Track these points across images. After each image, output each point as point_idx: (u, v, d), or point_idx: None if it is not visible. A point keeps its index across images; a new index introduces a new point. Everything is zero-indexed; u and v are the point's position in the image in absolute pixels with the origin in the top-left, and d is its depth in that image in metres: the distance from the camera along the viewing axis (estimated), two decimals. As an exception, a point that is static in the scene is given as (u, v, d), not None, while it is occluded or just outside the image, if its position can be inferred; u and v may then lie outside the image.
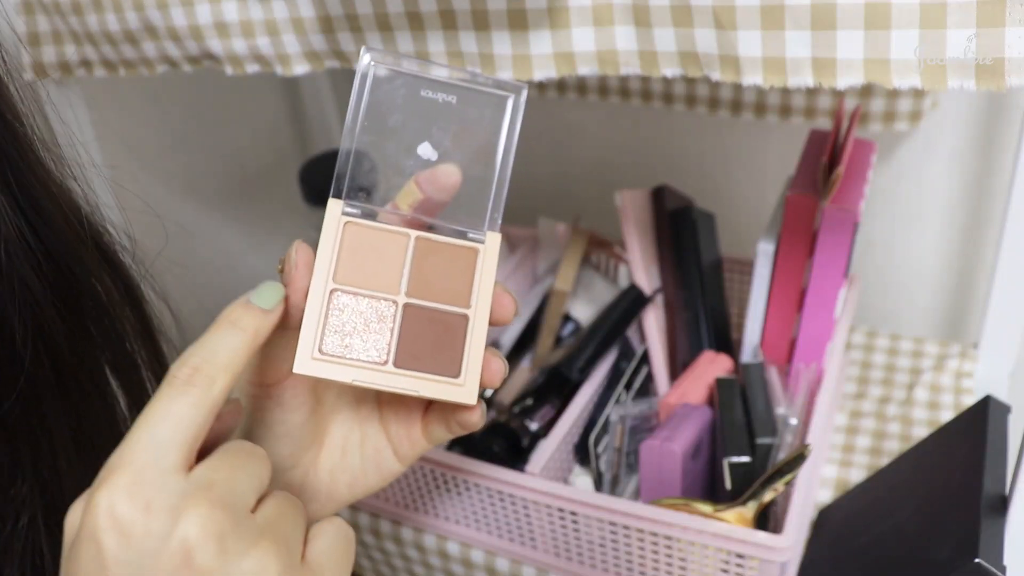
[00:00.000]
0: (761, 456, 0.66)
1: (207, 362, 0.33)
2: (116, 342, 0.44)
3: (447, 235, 0.40)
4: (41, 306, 0.38)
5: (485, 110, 0.40)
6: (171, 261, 1.12)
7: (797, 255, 0.72)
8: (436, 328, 0.39)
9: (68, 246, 0.40)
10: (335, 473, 0.43)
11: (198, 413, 0.32)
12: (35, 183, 0.38)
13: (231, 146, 1.10)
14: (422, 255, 0.40)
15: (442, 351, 0.39)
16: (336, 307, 0.38)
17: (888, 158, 0.92)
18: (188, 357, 0.33)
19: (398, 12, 0.55)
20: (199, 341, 0.34)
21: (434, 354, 0.39)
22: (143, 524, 0.29)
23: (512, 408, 0.78)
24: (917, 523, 0.61)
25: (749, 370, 0.72)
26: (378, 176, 0.40)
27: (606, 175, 1.10)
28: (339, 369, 0.38)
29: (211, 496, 0.31)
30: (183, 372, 0.32)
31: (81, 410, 0.41)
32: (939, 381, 0.84)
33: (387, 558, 0.80)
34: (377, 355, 0.38)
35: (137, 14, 0.65)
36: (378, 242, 0.39)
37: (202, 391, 0.32)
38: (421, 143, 0.39)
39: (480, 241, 0.40)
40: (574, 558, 0.70)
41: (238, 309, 0.35)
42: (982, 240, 0.93)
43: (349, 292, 0.38)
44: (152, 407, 0.32)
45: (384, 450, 0.44)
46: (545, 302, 0.88)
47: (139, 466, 0.30)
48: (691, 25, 0.48)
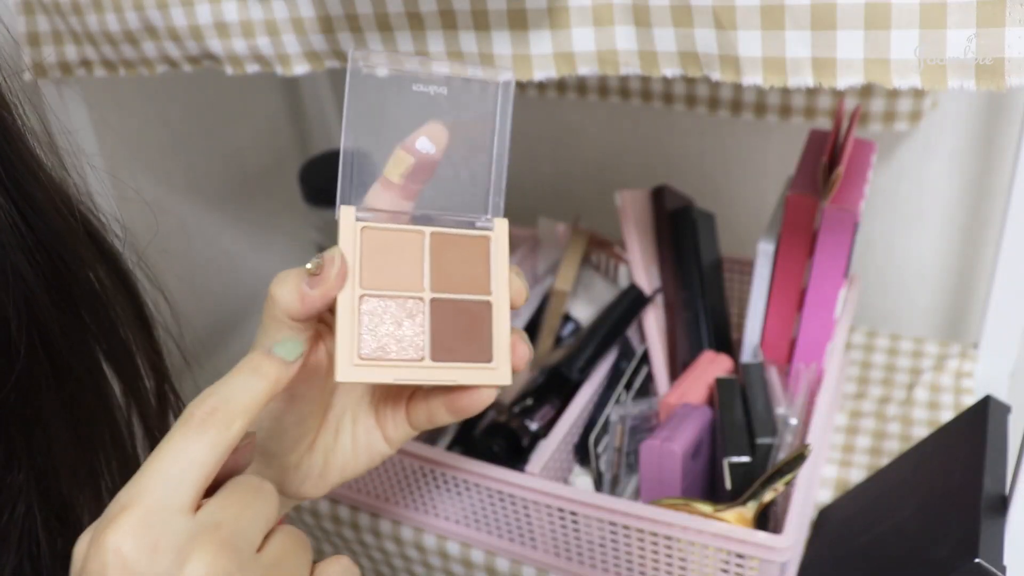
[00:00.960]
0: (761, 456, 0.66)
1: (226, 404, 0.33)
2: (109, 330, 0.44)
3: (457, 227, 0.41)
4: (35, 294, 0.38)
5: (477, 98, 0.41)
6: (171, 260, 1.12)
7: (797, 255, 0.72)
8: (463, 318, 0.41)
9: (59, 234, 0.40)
10: (328, 455, 0.44)
11: (212, 455, 0.32)
12: (25, 172, 0.38)
13: (231, 146, 1.10)
14: (439, 250, 0.41)
15: (472, 339, 0.40)
16: (367, 311, 0.39)
17: (888, 158, 0.92)
18: (207, 397, 0.33)
19: (398, 12, 0.55)
20: (218, 383, 0.34)
21: (466, 343, 0.40)
22: (149, 565, 0.29)
23: (512, 408, 0.78)
24: (917, 523, 0.61)
25: (749, 370, 0.72)
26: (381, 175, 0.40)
27: (606, 175, 1.10)
28: (380, 371, 0.39)
29: (218, 537, 0.31)
30: (200, 412, 0.32)
31: (76, 398, 0.41)
32: (939, 381, 0.84)
33: (387, 558, 0.80)
34: (414, 352, 0.39)
35: (137, 14, 0.65)
36: (395, 243, 0.40)
37: (218, 433, 0.32)
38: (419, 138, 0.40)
39: (489, 228, 0.42)
40: (574, 558, 0.70)
41: (260, 357, 0.35)
42: (982, 240, 0.93)
43: (377, 296, 0.39)
44: (166, 445, 0.32)
45: (373, 432, 0.45)
46: (545, 302, 0.88)
47: (148, 505, 0.30)
48: (691, 25, 0.48)
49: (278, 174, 1.17)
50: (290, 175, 1.17)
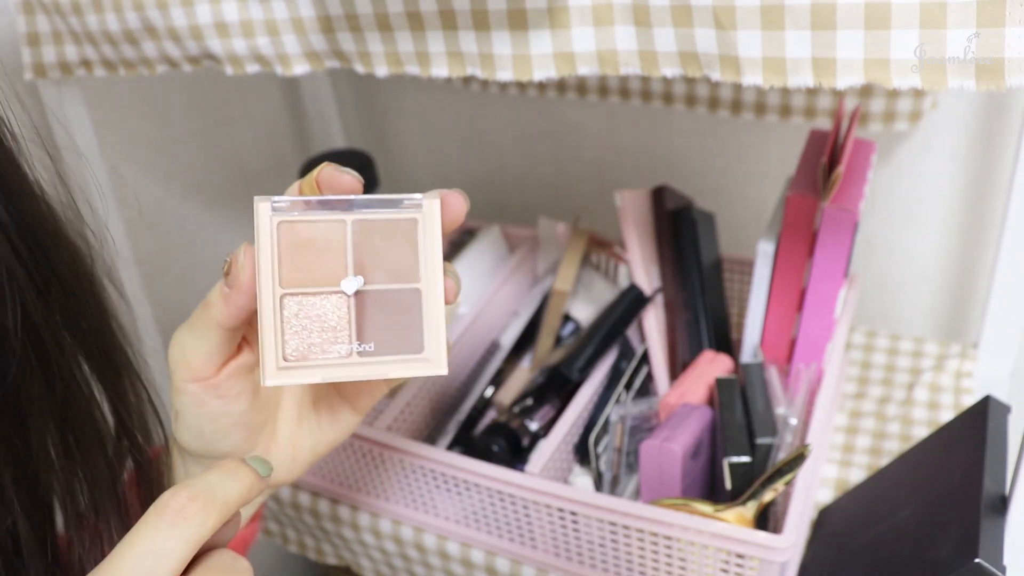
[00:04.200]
0: (761, 456, 0.66)
1: (203, 495, 0.32)
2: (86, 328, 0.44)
3: (382, 207, 0.39)
4: (25, 292, 0.38)
5: (398, 217, 0.39)
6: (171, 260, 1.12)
7: (797, 255, 0.72)
8: (391, 308, 0.39)
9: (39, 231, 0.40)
10: (295, 440, 0.44)
11: (185, 548, 0.32)
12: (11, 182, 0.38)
13: (231, 146, 1.10)
14: (362, 238, 0.39)
15: (402, 329, 0.39)
16: (289, 312, 0.38)
17: (888, 158, 0.92)
18: (182, 489, 0.33)
19: (398, 12, 0.55)
20: (195, 478, 0.34)
21: (395, 334, 0.39)
22: None
23: (512, 408, 0.78)
24: (917, 523, 0.61)
25: (749, 370, 0.72)
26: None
27: (606, 175, 1.10)
28: (307, 372, 0.38)
29: None
30: (176, 502, 0.32)
31: (63, 398, 0.41)
32: (939, 381, 0.84)
33: (387, 558, 0.80)
34: (341, 349, 0.38)
35: (137, 14, 0.65)
36: (315, 234, 0.38)
37: (192, 527, 0.32)
38: (344, 276, 0.39)
39: (418, 208, 0.39)
40: (574, 558, 0.70)
41: (237, 463, 0.35)
42: (982, 240, 0.93)
43: (299, 293, 0.38)
44: (140, 534, 0.31)
45: (337, 405, 0.45)
46: (545, 302, 0.88)
47: None
48: (691, 25, 0.48)
49: (278, 174, 1.17)
50: (290, 175, 1.17)
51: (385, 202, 0.39)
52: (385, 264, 0.39)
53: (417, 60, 0.57)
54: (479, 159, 1.17)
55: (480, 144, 1.16)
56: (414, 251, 0.39)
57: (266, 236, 0.37)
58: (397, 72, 0.59)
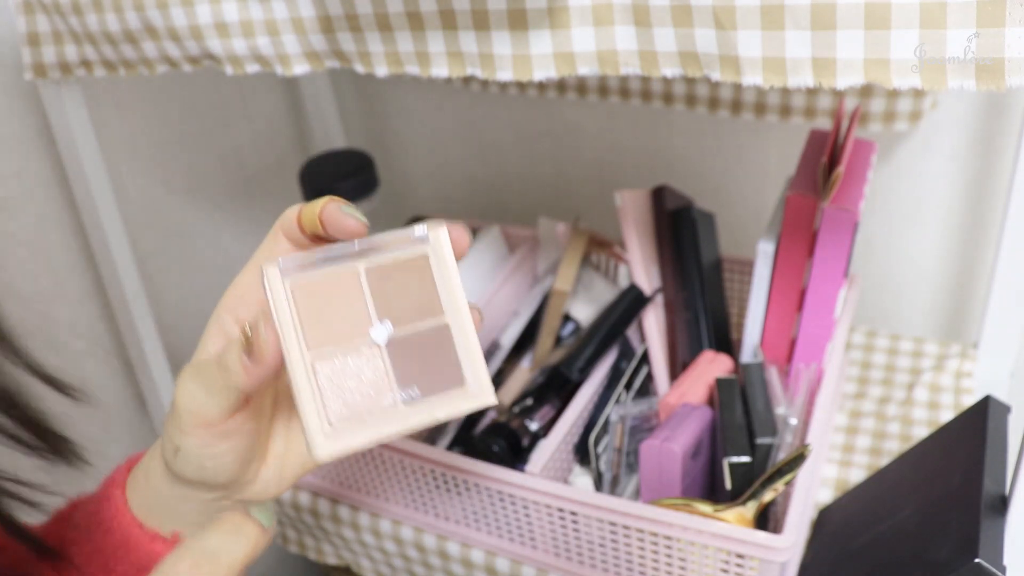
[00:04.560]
0: (761, 456, 0.66)
1: (207, 563, 0.32)
2: None
3: (388, 248, 0.38)
4: None
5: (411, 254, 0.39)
6: (171, 261, 1.12)
7: (797, 255, 0.72)
8: (424, 348, 0.38)
9: None
10: (284, 456, 0.44)
11: None
12: None
13: (231, 146, 1.10)
14: (378, 283, 0.38)
15: (439, 366, 0.38)
16: (324, 376, 0.36)
17: (888, 158, 0.92)
18: (182, 560, 0.32)
19: (398, 12, 0.55)
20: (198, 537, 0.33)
21: (434, 373, 0.38)
22: None
23: (512, 408, 0.78)
24: (917, 523, 0.61)
25: (749, 370, 0.72)
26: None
27: (606, 175, 1.10)
28: (357, 434, 0.36)
29: None
30: (182, 567, 0.32)
31: None
32: (939, 381, 0.84)
33: (387, 558, 0.80)
34: (384, 402, 0.37)
35: (137, 14, 0.65)
36: (331, 288, 0.37)
37: None
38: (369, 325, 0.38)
39: (425, 242, 0.39)
40: (574, 558, 0.70)
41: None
42: (982, 240, 0.93)
43: (329, 354, 0.37)
44: None
45: None
46: (545, 302, 0.88)
47: None
48: (691, 25, 0.48)
49: (278, 174, 1.17)
50: (290, 175, 1.17)
51: (389, 241, 0.38)
52: (406, 305, 0.38)
53: (417, 60, 0.57)
54: (479, 159, 1.17)
55: (480, 144, 1.16)
56: (432, 286, 0.39)
57: (283, 302, 0.36)
58: (397, 72, 0.59)
